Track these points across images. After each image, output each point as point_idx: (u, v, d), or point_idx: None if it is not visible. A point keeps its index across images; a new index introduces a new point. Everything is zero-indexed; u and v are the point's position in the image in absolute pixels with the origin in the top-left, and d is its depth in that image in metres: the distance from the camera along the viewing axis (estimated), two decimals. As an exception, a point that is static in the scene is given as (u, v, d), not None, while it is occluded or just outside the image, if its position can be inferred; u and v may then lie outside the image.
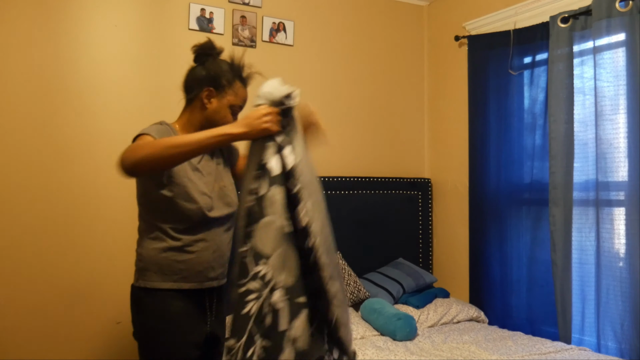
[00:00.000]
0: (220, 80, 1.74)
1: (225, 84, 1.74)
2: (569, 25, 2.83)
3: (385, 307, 2.86)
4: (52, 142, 2.73)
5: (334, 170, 3.47)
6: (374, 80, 3.70)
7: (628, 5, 2.56)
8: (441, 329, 2.94)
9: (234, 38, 3.18)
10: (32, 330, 2.65)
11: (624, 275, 2.57)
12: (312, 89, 3.42)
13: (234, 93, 1.76)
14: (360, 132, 3.63)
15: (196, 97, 1.76)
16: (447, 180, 3.71)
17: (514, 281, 3.16)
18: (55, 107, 2.74)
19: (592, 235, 2.75)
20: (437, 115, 3.83)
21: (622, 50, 2.63)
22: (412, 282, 3.29)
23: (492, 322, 3.22)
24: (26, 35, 2.68)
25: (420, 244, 3.71)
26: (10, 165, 2.64)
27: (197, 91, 1.75)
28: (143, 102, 2.94)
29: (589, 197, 2.78)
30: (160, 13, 3.00)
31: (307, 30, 3.44)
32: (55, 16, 2.75)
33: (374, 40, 3.70)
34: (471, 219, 3.42)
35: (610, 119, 2.66)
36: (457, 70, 3.62)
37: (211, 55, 1.78)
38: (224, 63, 1.77)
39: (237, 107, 1.78)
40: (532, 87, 3.11)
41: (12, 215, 2.64)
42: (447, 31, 3.72)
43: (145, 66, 2.95)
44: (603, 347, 2.65)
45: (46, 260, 2.69)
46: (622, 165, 2.61)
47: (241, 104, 1.79)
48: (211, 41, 1.80)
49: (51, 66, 2.73)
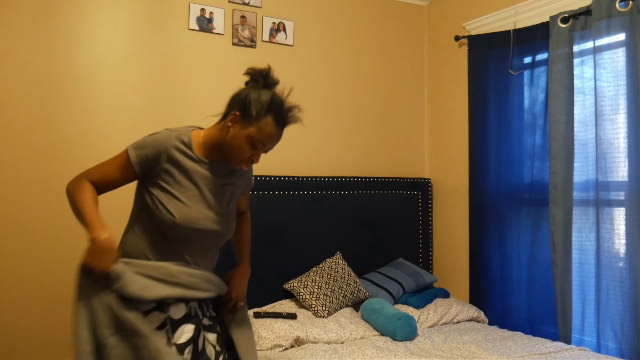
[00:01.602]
0: (250, 109, 1.64)
1: (253, 114, 1.63)
2: (569, 25, 2.83)
3: (385, 307, 2.86)
4: (51, 142, 2.73)
5: (334, 170, 3.48)
6: (374, 80, 3.70)
7: (628, 5, 2.56)
8: (441, 329, 2.94)
9: (234, 38, 3.18)
10: (32, 331, 2.65)
11: (624, 275, 2.57)
12: (312, 89, 3.42)
13: (259, 128, 1.63)
14: (360, 132, 3.63)
15: (226, 116, 1.70)
16: (447, 180, 3.71)
17: (514, 281, 3.16)
18: (55, 107, 2.74)
19: (592, 235, 2.75)
20: (437, 115, 3.83)
21: (622, 50, 2.63)
22: (412, 282, 3.29)
23: (492, 322, 3.22)
24: (26, 36, 2.68)
25: (420, 244, 3.71)
26: (10, 165, 2.64)
27: (228, 110, 1.70)
28: (143, 102, 2.94)
29: (589, 197, 2.78)
30: (160, 13, 3.00)
31: (307, 30, 3.44)
32: (55, 16, 2.75)
33: (374, 40, 3.70)
34: (471, 219, 3.42)
35: (610, 119, 2.66)
36: (457, 70, 3.62)
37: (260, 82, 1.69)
38: (265, 94, 1.66)
39: (258, 141, 1.65)
40: (532, 87, 3.11)
41: (12, 215, 2.64)
42: (447, 31, 3.72)
43: (145, 66, 2.95)
44: (603, 347, 2.65)
45: (46, 260, 2.69)
46: (622, 165, 2.61)
47: (264, 140, 1.65)
48: (267, 69, 1.70)
49: (51, 66, 2.73)
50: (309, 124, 3.43)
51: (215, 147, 1.70)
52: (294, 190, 3.24)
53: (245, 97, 1.66)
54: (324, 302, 2.94)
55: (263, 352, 2.48)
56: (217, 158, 1.73)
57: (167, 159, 1.66)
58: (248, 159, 1.69)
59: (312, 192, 3.30)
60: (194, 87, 3.06)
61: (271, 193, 3.15)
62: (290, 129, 1.74)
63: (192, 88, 3.06)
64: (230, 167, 1.75)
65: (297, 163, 3.36)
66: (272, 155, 1.65)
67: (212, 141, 1.72)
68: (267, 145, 1.68)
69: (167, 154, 1.66)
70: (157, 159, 1.66)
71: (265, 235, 3.10)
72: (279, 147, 3.39)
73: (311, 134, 3.41)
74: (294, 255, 3.19)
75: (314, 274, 3.11)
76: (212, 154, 1.73)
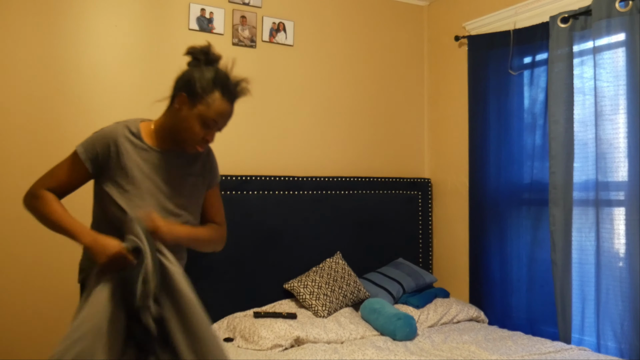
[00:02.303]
0: (195, 87, 1.60)
1: (200, 92, 1.60)
2: (568, 25, 2.83)
3: (385, 307, 2.86)
4: (52, 142, 2.73)
5: (334, 170, 3.48)
6: (374, 80, 3.70)
7: (628, 5, 2.56)
8: (441, 329, 2.94)
9: (234, 38, 3.19)
10: (32, 331, 2.65)
11: (624, 275, 2.57)
12: (312, 89, 3.42)
13: (207, 104, 1.60)
14: (360, 132, 3.63)
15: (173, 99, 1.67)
16: (447, 180, 3.71)
17: (514, 281, 3.16)
18: (55, 107, 2.74)
19: (592, 235, 2.75)
20: (437, 115, 3.83)
21: (622, 50, 2.63)
22: (412, 282, 3.29)
23: (492, 322, 3.22)
24: (26, 36, 2.68)
25: (420, 244, 3.71)
26: (10, 165, 2.64)
27: (174, 93, 1.66)
28: (143, 102, 2.93)
29: (588, 197, 2.78)
30: (160, 13, 3.00)
31: (307, 31, 3.44)
32: (56, 16, 2.75)
33: (374, 40, 3.70)
34: (471, 219, 3.42)
35: (610, 119, 2.66)
36: (457, 70, 3.62)
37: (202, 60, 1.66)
38: (209, 71, 1.63)
39: (210, 120, 1.62)
40: (532, 87, 3.11)
41: (12, 215, 2.64)
42: (447, 31, 3.72)
43: (145, 66, 2.95)
44: (603, 347, 2.65)
45: (46, 260, 2.69)
46: (622, 165, 2.61)
47: (215, 117, 1.62)
48: (207, 46, 1.67)
49: (51, 66, 2.74)
50: (309, 124, 3.45)
51: (168, 134, 1.67)
52: (294, 190, 3.24)
53: (190, 77, 1.62)
54: (324, 302, 2.94)
55: (263, 352, 2.48)
56: (171, 146, 1.69)
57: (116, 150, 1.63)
58: (202, 139, 1.65)
59: (312, 192, 3.30)
60: (194, 87, 3.07)
61: (271, 193, 3.16)
62: (290, 129, 1.74)
63: (192, 88, 3.06)
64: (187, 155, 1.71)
65: (297, 163, 3.36)
66: (272, 155, 1.64)
67: (164, 128, 1.68)
68: (219, 122, 1.65)
69: (115, 145, 1.63)
70: (107, 151, 1.63)
71: (265, 235, 3.10)
72: (279, 147, 3.40)
73: (311, 134, 3.42)
74: (294, 255, 3.19)
75: (314, 273, 3.11)
76: (165, 142, 1.69)
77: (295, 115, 3.35)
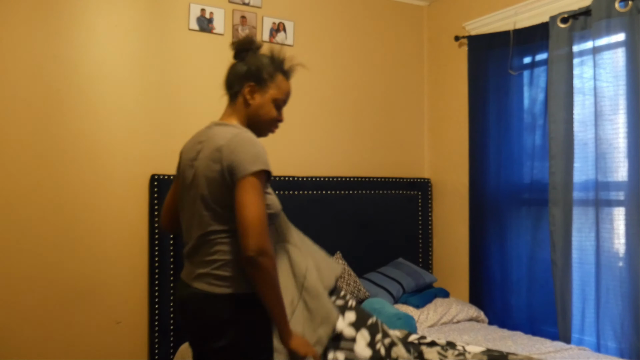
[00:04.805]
0: (262, 74, 1.68)
1: (267, 78, 1.68)
2: (568, 25, 2.84)
3: (385, 306, 2.86)
4: (52, 142, 2.73)
5: (334, 170, 3.48)
6: (374, 80, 3.70)
7: (628, 5, 2.56)
8: (441, 329, 2.94)
9: (234, 38, 3.18)
10: (32, 330, 2.65)
11: (623, 275, 2.58)
12: (312, 89, 3.42)
13: (277, 87, 1.70)
14: (360, 132, 3.63)
15: (238, 93, 1.70)
16: (447, 180, 3.71)
17: (514, 281, 3.16)
18: (55, 107, 2.74)
19: (592, 235, 2.75)
20: (437, 115, 3.84)
21: (622, 50, 2.63)
22: (412, 282, 3.29)
23: (492, 321, 3.22)
24: (26, 36, 2.68)
25: (420, 244, 3.71)
26: (11, 165, 2.64)
27: (239, 87, 1.70)
28: (143, 102, 2.94)
29: (588, 197, 2.78)
30: (160, 13, 3.00)
31: (307, 31, 3.44)
32: (55, 16, 2.75)
33: (374, 40, 3.70)
34: (471, 219, 3.43)
35: (610, 119, 2.66)
36: (457, 70, 3.62)
37: (250, 50, 1.72)
38: (264, 57, 1.72)
39: (280, 100, 1.72)
40: (531, 87, 3.11)
41: (12, 215, 2.64)
42: (447, 31, 3.72)
43: (145, 66, 2.95)
44: (603, 346, 2.66)
45: (46, 260, 2.69)
46: (622, 165, 2.61)
47: (284, 97, 1.73)
48: (250, 36, 1.78)
49: (51, 66, 2.74)
50: (308, 124, 3.45)
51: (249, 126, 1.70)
52: (294, 190, 3.24)
53: (250, 67, 1.69)
54: (324, 302, 2.94)
55: (263, 351, 2.47)
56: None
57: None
58: (278, 121, 1.75)
59: (312, 192, 3.30)
60: (193, 87, 3.07)
61: (271, 193, 3.15)
62: (290, 129, 1.75)
63: (192, 88, 3.06)
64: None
65: (297, 163, 3.36)
66: (271, 155, 1.64)
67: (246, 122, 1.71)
68: (286, 101, 1.76)
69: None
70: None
71: (265, 235, 3.10)
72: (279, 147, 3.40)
73: (311, 134, 3.42)
74: (294, 255, 3.18)
75: (314, 273, 3.10)
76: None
77: (295, 116, 3.34)
